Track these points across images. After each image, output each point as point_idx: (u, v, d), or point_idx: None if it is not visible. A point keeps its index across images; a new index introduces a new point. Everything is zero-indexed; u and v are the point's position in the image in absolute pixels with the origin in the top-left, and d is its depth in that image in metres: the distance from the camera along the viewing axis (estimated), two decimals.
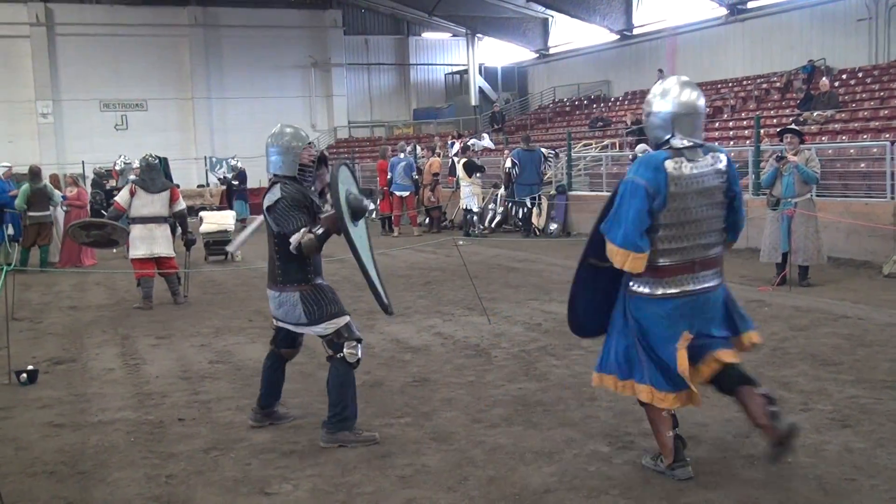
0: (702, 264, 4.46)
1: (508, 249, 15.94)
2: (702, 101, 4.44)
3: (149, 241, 10.65)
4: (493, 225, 19.82)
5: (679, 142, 4.35)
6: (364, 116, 42.08)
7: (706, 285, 4.49)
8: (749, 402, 4.44)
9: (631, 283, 4.52)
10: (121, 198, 10.78)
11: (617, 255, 4.37)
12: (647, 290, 4.46)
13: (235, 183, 23.23)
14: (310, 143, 5.61)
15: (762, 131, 15.72)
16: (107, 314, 10.69)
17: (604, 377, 4.72)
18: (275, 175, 5.50)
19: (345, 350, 5.34)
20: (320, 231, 5.18)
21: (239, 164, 24.05)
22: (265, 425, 5.78)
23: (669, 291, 4.42)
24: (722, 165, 4.43)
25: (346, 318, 5.44)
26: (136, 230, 10.66)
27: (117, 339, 9.06)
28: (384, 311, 5.47)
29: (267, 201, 5.40)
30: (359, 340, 5.43)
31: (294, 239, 5.17)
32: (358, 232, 5.25)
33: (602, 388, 4.83)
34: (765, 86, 24.28)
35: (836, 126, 17.76)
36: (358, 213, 5.21)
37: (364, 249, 5.30)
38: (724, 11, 27.45)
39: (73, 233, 10.80)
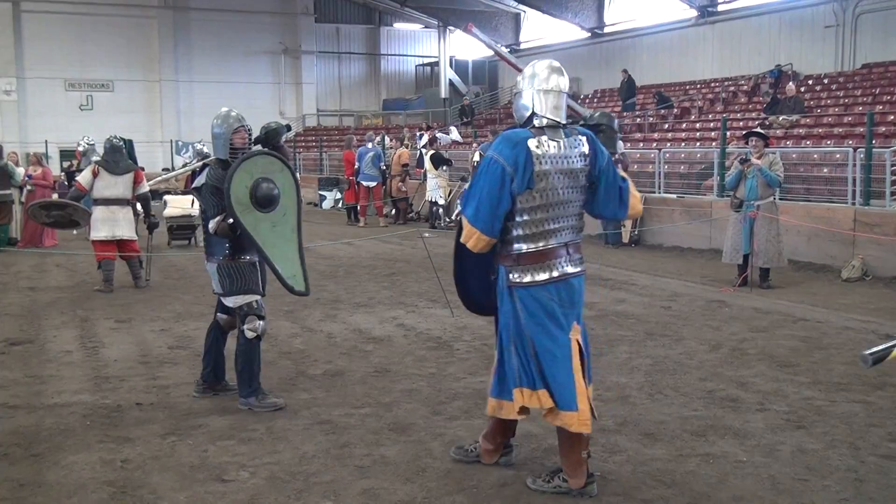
0: (573, 247, 4.36)
1: None
2: (565, 84, 4.36)
3: (111, 224, 10.52)
4: (458, 218, 19.79)
5: (540, 120, 4.27)
6: (333, 105, 41.88)
7: (579, 269, 4.37)
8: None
9: (511, 276, 4.29)
10: (83, 178, 10.64)
11: (465, 230, 4.28)
12: (531, 278, 4.25)
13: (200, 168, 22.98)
14: (241, 127, 5.92)
15: (728, 133, 15.88)
16: (66, 296, 10.55)
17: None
18: (216, 157, 5.93)
19: (245, 325, 5.78)
20: (231, 221, 5.63)
21: (205, 149, 23.78)
22: (208, 395, 6.17)
23: (554, 274, 4.26)
24: (585, 148, 4.31)
25: (255, 297, 5.87)
26: (98, 212, 10.52)
27: (76, 322, 8.95)
28: (291, 292, 5.79)
29: (196, 182, 5.98)
30: (261, 318, 5.82)
31: (211, 224, 5.75)
32: (270, 217, 5.63)
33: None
34: (732, 88, 24.52)
35: (801, 131, 17.97)
36: (263, 201, 5.57)
37: (269, 235, 5.62)
38: (694, 13, 27.68)
39: (34, 213, 10.64)
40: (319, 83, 40.97)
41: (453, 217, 19.69)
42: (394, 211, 20.82)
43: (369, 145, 20.19)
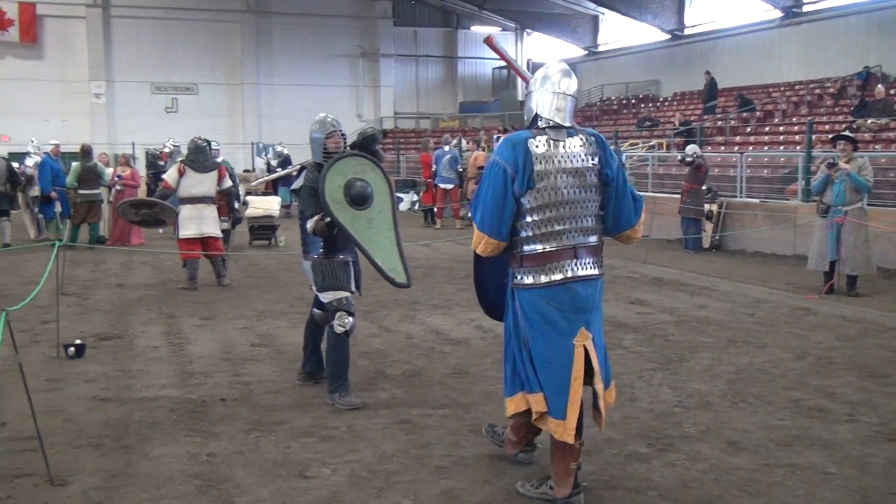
0: (584, 250, 4.27)
1: None
2: (573, 87, 4.35)
3: (198, 221, 10.78)
4: None
5: (544, 122, 4.28)
6: (410, 108, 42.13)
7: (590, 272, 4.28)
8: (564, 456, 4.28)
9: (515, 277, 4.29)
10: (169, 176, 10.88)
11: (475, 236, 4.32)
12: (532, 280, 4.22)
13: (280, 170, 23.37)
14: (335, 131, 6.17)
15: (814, 137, 15.49)
16: (152, 293, 10.83)
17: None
18: (313, 160, 6.20)
19: (335, 320, 5.95)
20: (328, 219, 5.80)
21: (284, 151, 24.21)
22: (309, 384, 6.50)
23: (555, 278, 4.19)
24: (593, 147, 4.28)
25: (344, 294, 6.06)
26: (186, 210, 10.77)
27: (162, 318, 9.19)
28: (393, 284, 5.80)
29: (295, 184, 6.23)
30: (350, 314, 5.98)
31: (308, 224, 5.96)
32: (365, 215, 5.80)
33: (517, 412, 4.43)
34: (818, 91, 23.90)
35: (891, 134, 17.43)
36: (358, 199, 5.75)
37: (366, 231, 5.78)
38: (778, 14, 27.04)
39: (123, 210, 10.95)
40: (397, 86, 41.25)
41: None
42: (470, 213, 20.82)
43: (446, 148, 20.26)
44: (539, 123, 4.30)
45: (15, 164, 16.87)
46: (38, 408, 5.07)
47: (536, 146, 4.18)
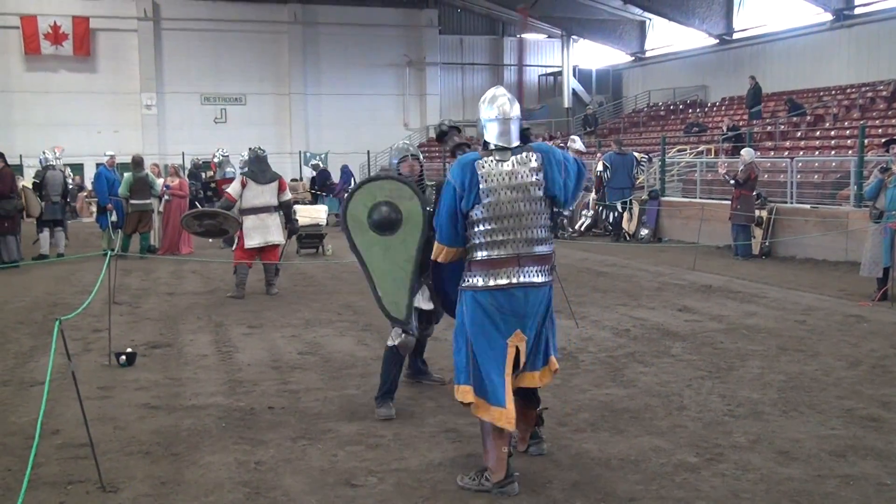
0: (528, 259, 4.66)
1: (598, 253, 15.79)
2: (515, 111, 4.77)
3: (262, 231, 10.93)
4: (582, 228, 19.66)
5: (492, 144, 4.72)
6: (457, 116, 42.13)
7: (534, 280, 4.69)
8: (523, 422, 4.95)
9: (465, 280, 4.76)
10: (233, 189, 11.02)
11: (435, 247, 4.88)
12: (478, 283, 4.66)
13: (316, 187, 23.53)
14: (406, 157, 6.24)
15: (867, 141, 15.21)
16: (202, 302, 10.97)
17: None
18: None
19: (391, 332, 6.02)
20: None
21: (321, 165, 24.38)
22: (413, 382, 6.81)
23: (500, 282, 4.63)
24: (535, 164, 4.67)
25: None
26: (249, 221, 10.89)
27: (211, 327, 9.30)
28: (387, 317, 5.86)
29: None
30: (406, 333, 5.96)
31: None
32: (385, 241, 5.68)
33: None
34: (870, 94, 23.46)
35: None
36: (380, 224, 5.65)
37: (379, 258, 5.70)
38: (829, 17, 26.61)
39: (187, 223, 11.12)
40: (443, 94, 41.39)
41: (576, 227, 19.57)
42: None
43: None
44: (489, 146, 4.74)
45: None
46: (91, 415, 5.16)
47: (483, 166, 4.64)
